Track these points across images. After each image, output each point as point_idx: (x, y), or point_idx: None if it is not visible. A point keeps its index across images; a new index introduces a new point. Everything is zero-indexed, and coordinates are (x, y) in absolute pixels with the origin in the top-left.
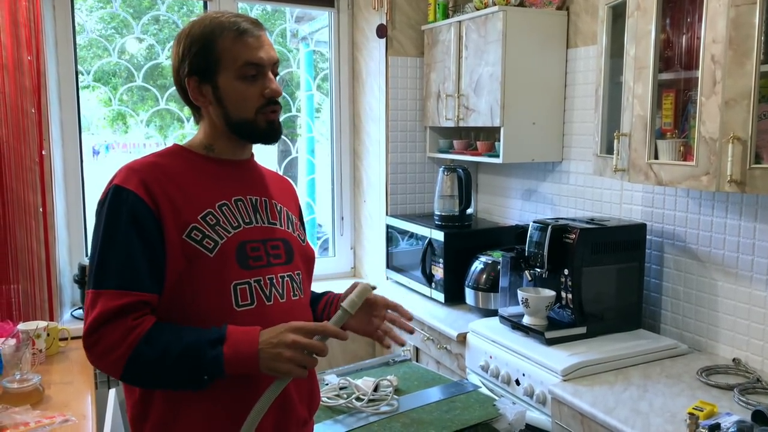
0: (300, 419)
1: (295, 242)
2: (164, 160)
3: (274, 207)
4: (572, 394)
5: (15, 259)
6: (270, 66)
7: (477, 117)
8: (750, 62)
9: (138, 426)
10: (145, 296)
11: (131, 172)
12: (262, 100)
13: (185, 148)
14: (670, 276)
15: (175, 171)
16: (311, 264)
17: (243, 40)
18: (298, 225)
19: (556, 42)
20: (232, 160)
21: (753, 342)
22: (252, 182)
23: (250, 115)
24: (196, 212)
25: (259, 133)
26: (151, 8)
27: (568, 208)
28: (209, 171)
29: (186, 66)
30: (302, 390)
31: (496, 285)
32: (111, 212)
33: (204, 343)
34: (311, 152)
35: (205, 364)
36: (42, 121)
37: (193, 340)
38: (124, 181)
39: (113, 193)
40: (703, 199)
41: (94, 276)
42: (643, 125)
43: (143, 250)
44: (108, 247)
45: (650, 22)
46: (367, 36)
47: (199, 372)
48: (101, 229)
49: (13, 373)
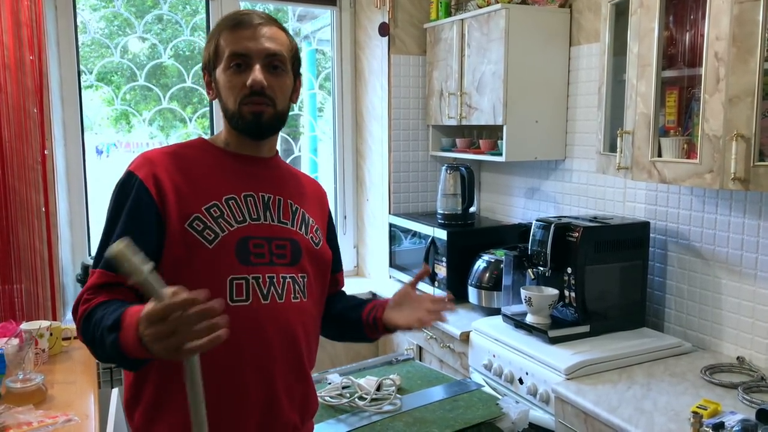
0: (289, 424)
1: (306, 244)
2: (183, 151)
3: (289, 207)
4: (575, 393)
5: (18, 258)
6: (260, 57)
7: (480, 115)
8: (754, 59)
9: (131, 410)
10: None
11: (145, 160)
12: (245, 90)
13: (207, 141)
14: (673, 274)
15: (189, 162)
16: (325, 268)
17: (236, 31)
18: (314, 228)
19: (559, 40)
20: (251, 157)
21: (757, 340)
22: (269, 180)
23: (235, 106)
24: (201, 203)
25: (244, 126)
26: (153, 8)
27: (571, 206)
28: (224, 165)
29: (203, 61)
30: (293, 393)
31: (499, 283)
32: (118, 197)
33: (104, 328)
34: (314, 151)
35: (110, 348)
36: (44, 120)
37: (104, 324)
38: (136, 168)
39: (125, 178)
40: (706, 196)
41: (95, 256)
42: (647, 123)
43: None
44: (107, 231)
45: (653, 20)
46: (369, 34)
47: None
48: (109, 211)
49: (16, 372)
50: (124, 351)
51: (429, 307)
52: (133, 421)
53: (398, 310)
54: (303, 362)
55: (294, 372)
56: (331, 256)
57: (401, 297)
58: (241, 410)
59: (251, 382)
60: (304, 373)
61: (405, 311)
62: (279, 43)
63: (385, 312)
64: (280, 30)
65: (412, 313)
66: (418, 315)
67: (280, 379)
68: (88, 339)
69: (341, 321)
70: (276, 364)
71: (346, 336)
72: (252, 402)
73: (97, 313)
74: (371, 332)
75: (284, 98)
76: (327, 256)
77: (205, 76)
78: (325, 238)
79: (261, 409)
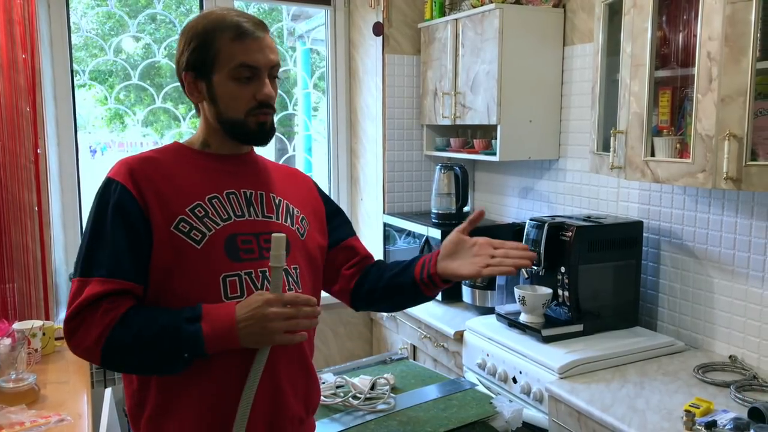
0: (295, 416)
1: (293, 236)
2: (160, 155)
3: (272, 200)
4: (569, 392)
5: (10, 258)
6: (267, 69)
7: (474, 115)
8: (746, 59)
9: (136, 416)
10: (128, 285)
11: (124, 166)
12: (253, 102)
13: (183, 145)
14: (666, 273)
15: (168, 165)
16: (315, 257)
17: (242, 41)
18: (299, 218)
19: (553, 40)
20: (228, 155)
21: (749, 339)
22: (248, 176)
23: (240, 116)
24: (184, 204)
25: (249, 135)
26: (147, 7)
27: (564, 205)
28: (203, 166)
29: (184, 60)
30: (297, 386)
31: (492, 283)
32: (100, 203)
33: (181, 320)
34: (308, 150)
35: (185, 340)
36: (37, 119)
37: (170, 319)
38: (115, 174)
39: (104, 185)
40: (699, 196)
41: (81, 265)
42: (640, 123)
43: (128, 241)
44: (95, 237)
45: (646, 20)
46: (363, 34)
47: (179, 350)
48: (90, 220)
49: (8, 372)
50: (205, 339)
51: (492, 252)
52: (139, 429)
53: (455, 259)
54: (305, 353)
55: (297, 364)
56: (319, 244)
57: (454, 245)
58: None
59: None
60: (306, 363)
61: (465, 258)
62: (276, 52)
63: (439, 263)
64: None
65: (475, 260)
66: (486, 260)
67: (284, 373)
68: (124, 343)
69: (394, 290)
70: (279, 357)
71: (406, 303)
72: (259, 396)
73: (139, 314)
74: (429, 290)
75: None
76: (313, 244)
77: (188, 76)
78: (314, 226)
79: (268, 403)
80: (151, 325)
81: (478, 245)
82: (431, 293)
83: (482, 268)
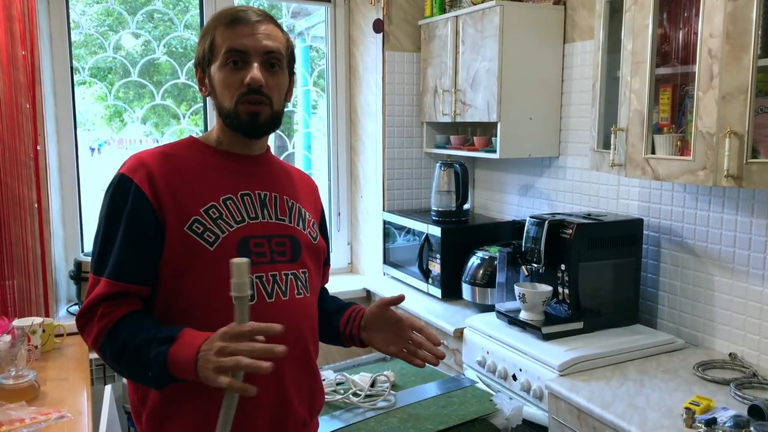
0: (299, 419)
1: (305, 240)
2: (175, 151)
3: (285, 203)
4: (569, 390)
5: (10, 254)
6: (258, 55)
7: (474, 112)
8: (747, 56)
9: (138, 412)
10: (132, 288)
11: (138, 163)
12: (242, 88)
13: (199, 141)
14: (666, 271)
15: (183, 163)
16: (320, 262)
17: (233, 27)
18: (311, 223)
19: (553, 37)
20: (243, 155)
21: (749, 337)
22: (263, 177)
23: (231, 104)
24: (199, 205)
25: (239, 125)
26: (146, 4)
27: (564, 203)
28: (218, 165)
29: (195, 57)
30: (302, 389)
31: (493, 280)
32: (113, 201)
33: (156, 339)
34: (308, 148)
35: (151, 359)
36: (36, 116)
37: (149, 336)
38: (129, 171)
39: (118, 181)
40: (699, 194)
41: (95, 262)
42: (640, 120)
43: (138, 243)
44: (107, 236)
45: (647, 17)
46: (363, 31)
47: (146, 368)
48: (103, 217)
49: (8, 369)
50: (168, 363)
51: (411, 336)
52: (141, 425)
53: (378, 332)
54: (310, 356)
55: (302, 367)
56: (325, 250)
57: (376, 318)
58: (253, 409)
59: (262, 381)
60: (311, 366)
61: (387, 333)
62: (276, 40)
63: (362, 333)
64: (276, 27)
65: (396, 339)
66: (404, 345)
67: (289, 376)
68: (112, 352)
69: (321, 324)
70: (285, 361)
71: (326, 341)
72: (263, 400)
73: (128, 326)
74: (348, 343)
75: (280, 97)
76: (322, 250)
77: (198, 72)
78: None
79: (272, 407)
80: (134, 339)
81: (400, 324)
82: (349, 345)
83: (399, 351)
